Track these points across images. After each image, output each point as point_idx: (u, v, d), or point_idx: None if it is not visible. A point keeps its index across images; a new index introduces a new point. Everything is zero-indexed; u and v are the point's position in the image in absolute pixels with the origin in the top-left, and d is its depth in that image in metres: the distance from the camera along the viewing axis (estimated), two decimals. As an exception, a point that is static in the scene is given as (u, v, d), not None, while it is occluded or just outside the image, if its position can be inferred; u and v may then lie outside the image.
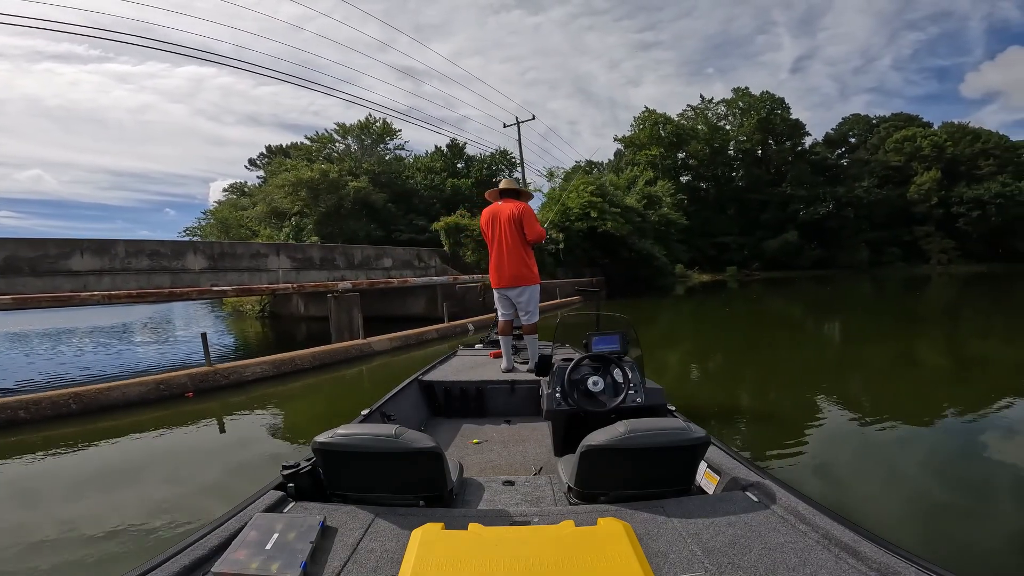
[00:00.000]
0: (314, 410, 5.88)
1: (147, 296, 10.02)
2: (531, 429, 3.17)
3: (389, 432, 1.54)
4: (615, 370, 2.53)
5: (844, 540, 1.24)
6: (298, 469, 1.60)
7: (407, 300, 16.65)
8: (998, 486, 3.07)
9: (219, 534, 1.33)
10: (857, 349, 8.65)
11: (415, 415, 3.21)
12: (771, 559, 1.21)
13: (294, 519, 1.35)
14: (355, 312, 11.18)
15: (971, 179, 45.86)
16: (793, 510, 1.42)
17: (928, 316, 13.60)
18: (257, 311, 22.39)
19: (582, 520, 1.34)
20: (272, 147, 47.42)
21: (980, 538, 2.49)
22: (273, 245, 14.65)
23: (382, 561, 1.23)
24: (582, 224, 22.19)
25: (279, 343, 13.19)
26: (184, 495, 3.29)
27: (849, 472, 3.43)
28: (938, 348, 8.46)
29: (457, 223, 21.06)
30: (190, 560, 1.21)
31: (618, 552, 1.17)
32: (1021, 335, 9.26)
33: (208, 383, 6.23)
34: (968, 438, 3.89)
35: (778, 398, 5.44)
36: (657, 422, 1.63)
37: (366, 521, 1.41)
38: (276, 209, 28.55)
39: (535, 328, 3.93)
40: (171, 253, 11.81)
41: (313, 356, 7.74)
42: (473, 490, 2.09)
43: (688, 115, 51.23)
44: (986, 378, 6.05)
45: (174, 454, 4.24)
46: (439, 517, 1.42)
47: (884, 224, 47.46)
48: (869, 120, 55.00)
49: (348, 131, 36.82)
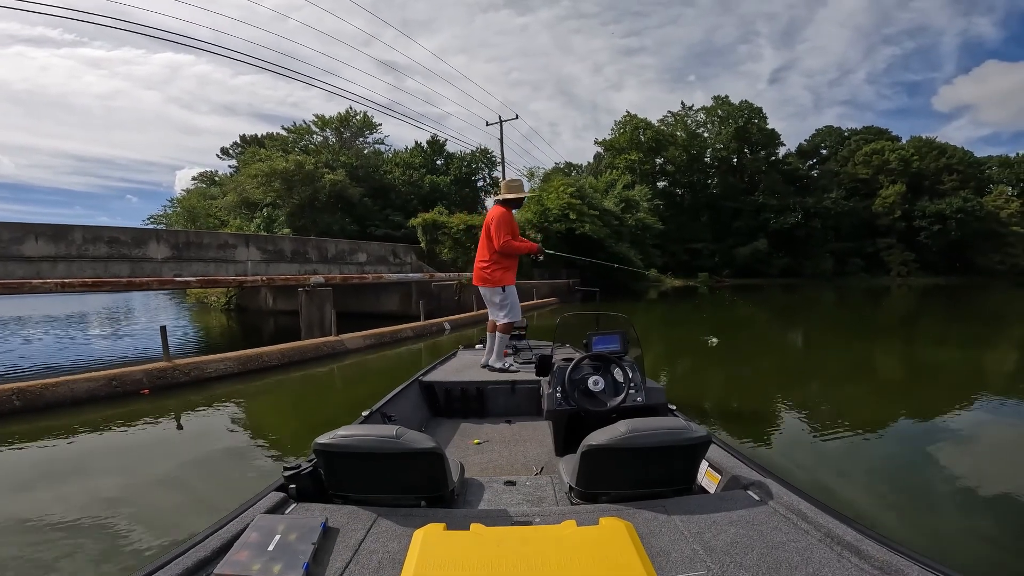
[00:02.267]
0: (281, 410, 5.62)
1: (103, 285, 9.50)
2: (532, 429, 3.17)
3: (390, 433, 1.53)
4: (615, 370, 2.54)
5: (846, 539, 1.24)
6: (299, 470, 1.60)
7: (381, 297, 16.34)
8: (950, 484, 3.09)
9: (221, 536, 1.31)
10: (823, 353, 8.83)
11: (416, 416, 3.19)
12: (773, 558, 1.20)
13: (296, 520, 1.35)
14: (327, 308, 10.84)
15: (934, 193, 47.89)
16: (795, 508, 1.42)
17: (888, 325, 14.05)
18: (223, 303, 21.67)
19: (584, 520, 1.34)
20: (247, 137, 46.10)
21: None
22: (242, 236, 14.13)
23: (384, 562, 1.23)
24: (560, 225, 22.23)
25: (245, 338, 12.73)
26: (128, 502, 3.03)
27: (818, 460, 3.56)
28: (894, 354, 8.71)
29: (435, 220, 20.82)
30: (192, 562, 1.20)
31: (620, 552, 1.17)
32: (975, 342, 9.63)
33: (166, 380, 5.87)
34: (913, 439, 3.96)
35: (757, 398, 5.46)
36: (658, 421, 1.63)
37: (368, 522, 1.40)
38: (247, 199, 27.66)
39: (503, 327, 4.06)
40: (132, 241, 11.28)
41: (281, 353, 7.43)
42: (474, 490, 2.10)
43: (668, 121, 52.04)
44: (937, 385, 6.29)
45: (120, 456, 3.95)
46: (441, 518, 1.42)
47: (849, 235, 49.17)
48: (841, 132, 56.85)
49: (327, 123, 36.10)
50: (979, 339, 10.60)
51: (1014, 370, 7.41)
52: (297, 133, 37.31)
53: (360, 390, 6.39)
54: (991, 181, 52.97)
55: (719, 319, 15.82)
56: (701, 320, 15.32)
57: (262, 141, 39.30)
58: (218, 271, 12.15)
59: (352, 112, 35.72)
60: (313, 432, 1.64)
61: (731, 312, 18.59)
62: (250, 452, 4.03)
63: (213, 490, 3.21)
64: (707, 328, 11.23)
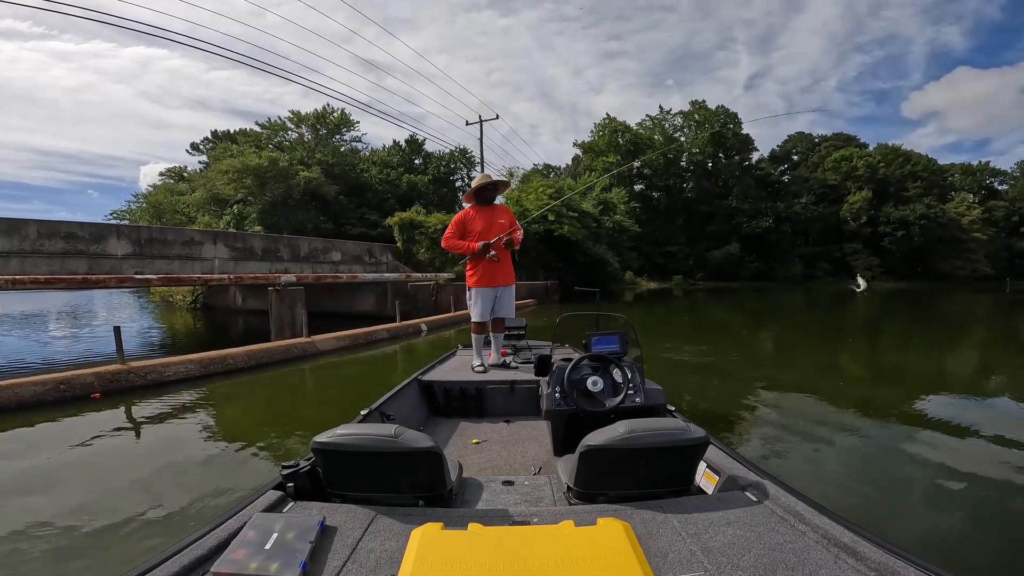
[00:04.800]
0: (246, 416, 5.29)
1: (57, 283, 8.98)
2: (530, 429, 3.17)
3: (388, 432, 1.53)
4: (614, 370, 2.54)
5: (843, 540, 1.24)
6: (297, 469, 1.60)
7: (356, 297, 16.00)
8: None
9: (218, 534, 1.30)
10: (795, 351, 8.95)
11: (414, 415, 3.19)
12: (770, 559, 1.20)
13: (293, 519, 1.34)
14: (298, 308, 10.50)
15: (899, 200, 49.53)
16: (792, 510, 1.42)
17: (854, 328, 14.40)
18: (189, 302, 20.93)
19: (581, 520, 1.34)
20: (218, 132, 44.84)
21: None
22: (210, 232, 13.60)
23: (381, 561, 1.22)
24: (539, 227, 22.13)
25: (211, 338, 12.24)
26: (60, 517, 2.77)
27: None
28: (859, 353, 8.88)
29: (412, 219, 20.52)
30: (189, 560, 1.19)
31: (618, 552, 1.17)
32: (930, 344, 9.93)
33: (120, 383, 5.51)
34: (889, 437, 3.97)
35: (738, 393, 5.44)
36: (657, 422, 1.63)
37: (366, 521, 1.40)
38: (217, 196, 26.83)
39: (474, 327, 4.05)
40: (90, 236, 10.75)
41: (248, 355, 7.10)
42: (472, 490, 2.09)
43: (646, 125, 52.68)
44: (898, 384, 6.40)
45: (58, 466, 3.65)
46: (438, 517, 1.42)
47: (818, 240, 50.57)
48: (812, 139, 58.42)
49: (303, 120, 35.31)
50: (955, 343, 10.92)
51: (978, 370, 7.62)
52: (271, 129, 36.39)
53: (332, 394, 6.13)
54: (953, 188, 54.91)
55: (697, 321, 15.97)
56: (682, 323, 15.43)
57: (234, 137, 38.25)
58: (183, 269, 11.67)
59: (329, 109, 35.08)
60: (279, 439, 1.52)
61: (707, 314, 18.81)
62: (206, 462, 3.76)
63: (161, 506, 2.97)
64: (687, 330, 11.31)
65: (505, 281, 4.09)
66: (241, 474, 3.44)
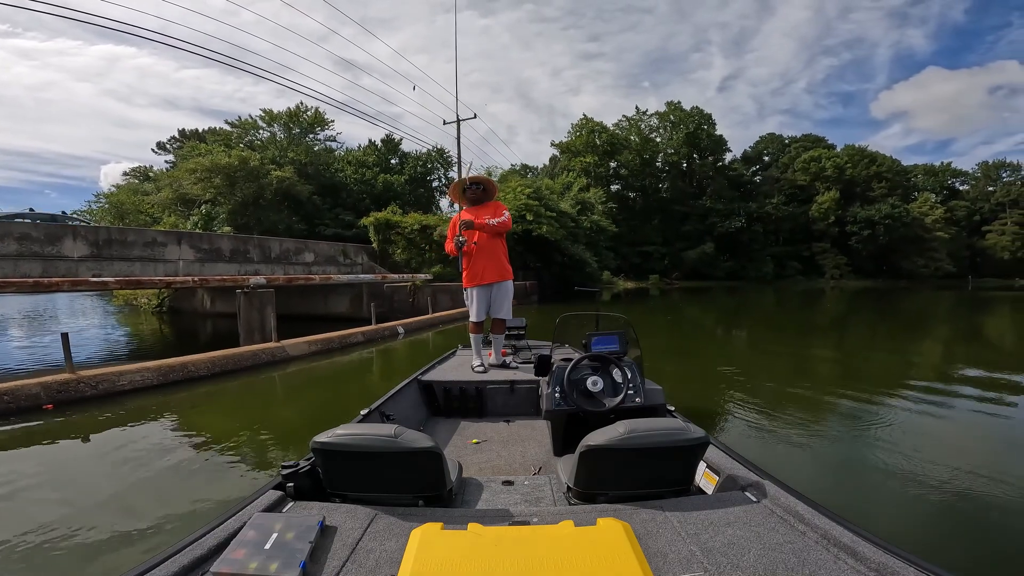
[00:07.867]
0: (208, 427, 4.94)
1: (7, 286, 8.43)
2: (530, 429, 3.17)
3: (388, 432, 1.53)
4: (614, 370, 2.54)
5: (843, 540, 1.24)
6: (297, 469, 1.59)
7: (329, 299, 15.59)
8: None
9: (218, 534, 1.30)
10: (766, 348, 9.02)
11: (414, 415, 3.18)
12: (770, 559, 1.20)
13: (293, 519, 1.33)
14: (268, 311, 10.11)
15: (865, 200, 51.09)
16: (792, 510, 1.42)
17: (824, 324, 14.71)
18: (154, 305, 20.11)
19: (581, 520, 1.34)
20: (186, 131, 43.47)
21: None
22: (174, 233, 13.05)
23: (381, 561, 1.22)
24: (517, 227, 21.98)
25: (178, 343, 11.73)
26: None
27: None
28: (821, 348, 9.02)
29: (388, 219, 20.16)
30: (189, 560, 1.18)
31: (617, 552, 1.17)
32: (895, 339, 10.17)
33: (69, 394, 5.13)
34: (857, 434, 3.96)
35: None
36: (656, 422, 1.62)
37: (365, 521, 1.39)
38: (184, 196, 25.91)
39: (471, 327, 4.03)
40: (45, 237, 10.21)
41: (212, 361, 6.73)
42: (472, 490, 2.09)
43: (623, 125, 53.12)
44: (862, 378, 6.44)
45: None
46: (438, 517, 1.42)
47: (788, 239, 51.85)
48: (782, 140, 59.87)
49: (275, 118, 34.49)
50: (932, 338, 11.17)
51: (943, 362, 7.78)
52: (242, 128, 35.46)
53: (302, 404, 5.84)
54: (917, 188, 56.83)
55: (678, 320, 16.07)
56: (667, 324, 15.48)
57: (203, 136, 37.13)
58: (144, 271, 11.17)
59: (303, 107, 34.32)
60: (245, 455, 1.35)
61: (684, 312, 18.97)
62: (159, 480, 3.48)
63: (98, 529, 2.70)
64: (673, 329, 11.30)
65: (496, 277, 4.01)
66: (198, 494, 3.19)
